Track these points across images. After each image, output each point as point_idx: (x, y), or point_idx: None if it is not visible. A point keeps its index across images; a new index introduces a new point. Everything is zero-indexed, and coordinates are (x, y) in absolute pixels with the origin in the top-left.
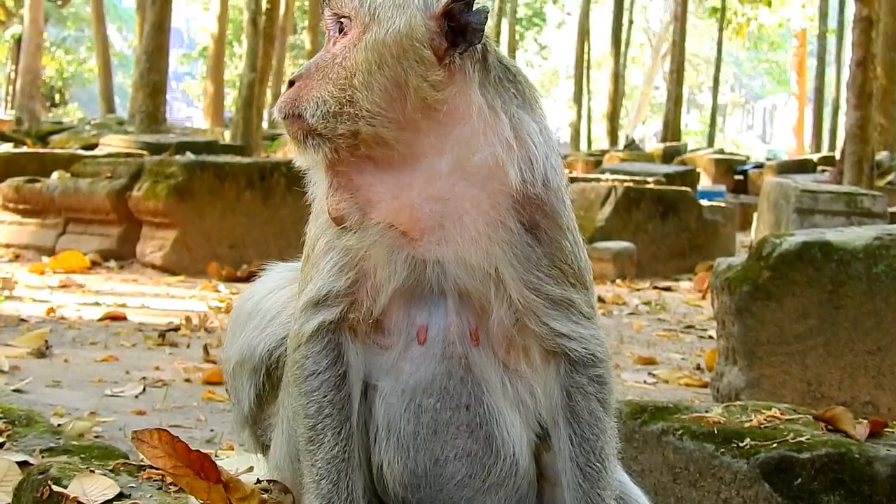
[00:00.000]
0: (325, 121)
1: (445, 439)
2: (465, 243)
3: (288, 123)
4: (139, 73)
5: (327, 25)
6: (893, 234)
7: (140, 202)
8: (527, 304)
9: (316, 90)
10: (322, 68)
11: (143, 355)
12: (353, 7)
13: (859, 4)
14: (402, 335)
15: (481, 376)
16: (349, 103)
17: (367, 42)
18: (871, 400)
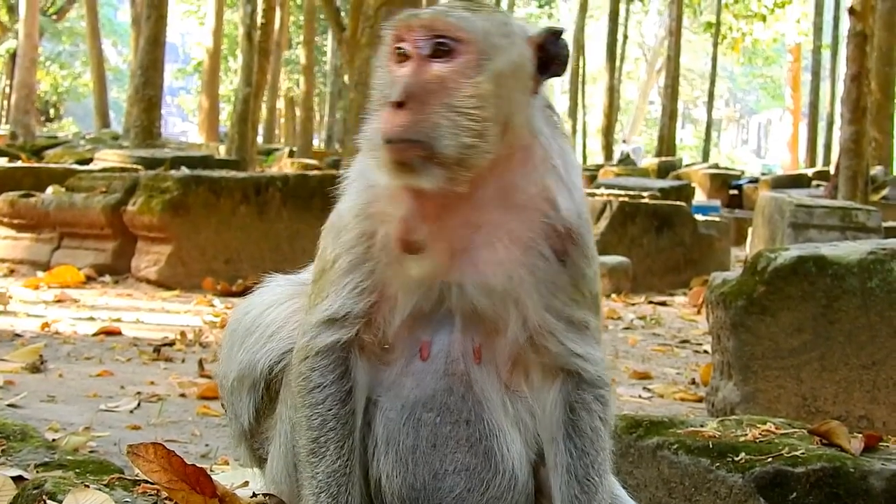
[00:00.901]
0: (457, 151)
1: (444, 453)
2: (492, 268)
3: (403, 147)
4: (134, 87)
5: (415, 43)
6: (888, 249)
7: (135, 217)
8: (544, 326)
9: (442, 118)
10: (436, 93)
11: (137, 370)
12: (465, 32)
13: (854, 20)
14: (406, 351)
15: (482, 394)
16: (479, 135)
17: (491, 71)
18: (865, 414)
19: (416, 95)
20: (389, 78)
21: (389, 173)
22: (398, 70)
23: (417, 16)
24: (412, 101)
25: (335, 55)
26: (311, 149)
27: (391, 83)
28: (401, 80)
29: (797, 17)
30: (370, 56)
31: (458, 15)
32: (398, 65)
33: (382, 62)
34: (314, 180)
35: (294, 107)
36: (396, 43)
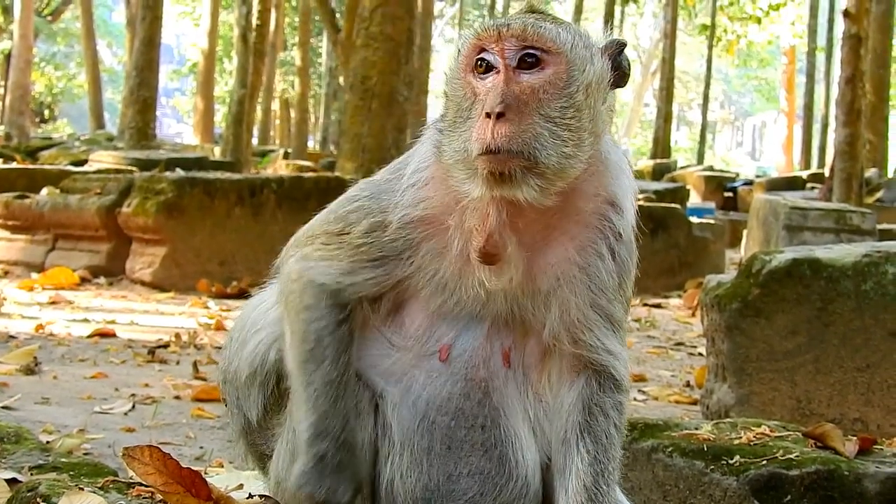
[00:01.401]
0: (559, 161)
1: (459, 456)
2: (544, 269)
3: (504, 158)
4: (129, 88)
5: (504, 53)
6: (882, 251)
7: (130, 218)
8: (584, 322)
9: (544, 129)
10: (532, 103)
11: (132, 372)
12: (556, 44)
13: (848, 22)
14: (420, 344)
15: (501, 400)
16: (577, 145)
17: (581, 82)
18: (860, 417)
19: (513, 107)
20: (469, 90)
21: (485, 184)
22: (483, 81)
23: (507, 25)
24: (511, 111)
25: (330, 57)
26: (306, 150)
27: (474, 96)
28: (496, 91)
29: (792, 20)
30: (365, 57)
31: (547, 26)
32: (480, 75)
33: (456, 72)
34: (309, 182)
35: (289, 108)
36: (476, 53)
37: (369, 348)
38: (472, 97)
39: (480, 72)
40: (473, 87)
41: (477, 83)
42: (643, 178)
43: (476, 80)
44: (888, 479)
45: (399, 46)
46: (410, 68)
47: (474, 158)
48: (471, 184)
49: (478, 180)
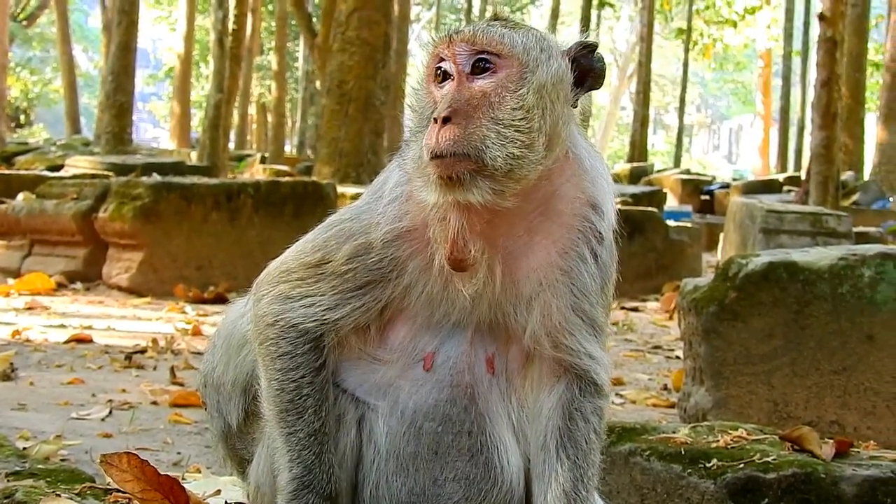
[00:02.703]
0: (506, 162)
1: (446, 461)
2: (526, 274)
3: (451, 162)
4: (105, 93)
5: (455, 59)
6: (858, 255)
7: (106, 224)
8: (566, 326)
9: (491, 130)
10: (482, 107)
11: (109, 378)
12: (506, 47)
13: (824, 25)
14: (405, 356)
15: (486, 406)
16: (526, 146)
17: (533, 83)
18: (837, 419)
19: (461, 111)
20: (430, 99)
21: (438, 189)
22: (440, 89)
23: (457, 33)
24: (458, 116)
25: (307, 61)
26: (282, 155)
27: (434, 104)
28: (446, 97)
29: (768, 23)
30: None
31: (497, 31)
32: (439, 84)
33: (420, 83)
34: (286, 187)
35: (266, 113)
36: (435, 62)
37: (355, 368)
38: (432, 105)
39: (438, 81)
40: (433, 96)
41: (436, 92)
42: (620, 181)
43: (436, 88)
44: (865, 481)
45: (376, 51)
46: (387, 72)
47: (425, 165)
48: (426, 190)
49: (431, 186)
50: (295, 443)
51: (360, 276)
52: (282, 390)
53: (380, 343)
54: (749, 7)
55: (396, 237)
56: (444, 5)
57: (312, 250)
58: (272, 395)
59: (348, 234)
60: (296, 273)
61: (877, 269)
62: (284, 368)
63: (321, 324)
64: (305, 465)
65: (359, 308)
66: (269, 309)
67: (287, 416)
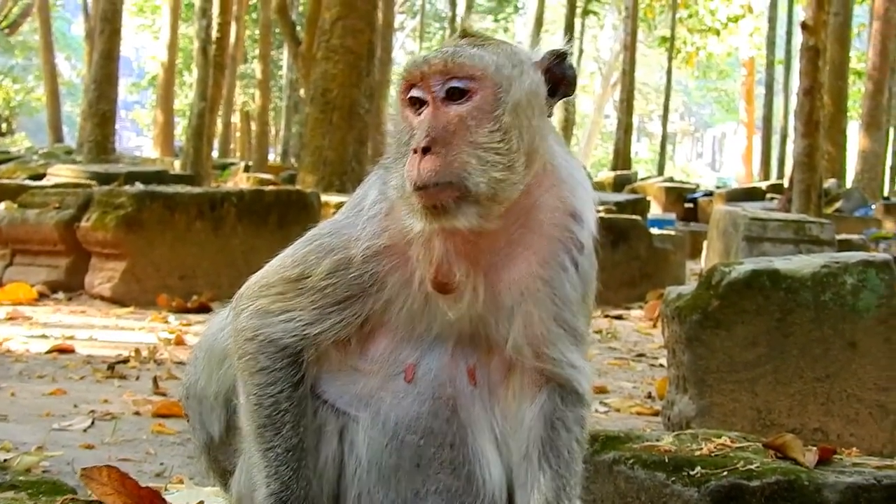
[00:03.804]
0: (489, 187)
1: (428, 473)
2: (507, 286)
3: (435, 192)
4: (88, 102)
5: (430, 87)
6: (841, 262)
7: (89, 233)
8: (548, 336)
9: (471, 156)
10: (460, 133)
11: (91, 388)
12: (479, 69)
13: (806, 34)
14: (386, 367)
15: (468, 418)
16: (508, 167)
17: (509, 103)
18: (820, 427)
19: (439, 139)
20: (407, 126)
21: (424, 218)
22: (415, 117)
23: (428, 61)
24: (437, 144)
25: (291, 69)
26: (266, 163)
27: (411, 131)
28: (423, 126)
29: (750, 32)
30: (326, 70)
31: (467, 54)
32: (414, 112)
33: (396, 110)
34: (270, 195)
35: (249, 121)
36: (409, 90)
37: (335, 379)
38: (409, 132)
39: (414, 108)
40: (410, 122)
41: (412, 118)
42: (604, 189)
43: (412, 114)
44: (848, 488)
45: (360, 59)
46: (371, 81)
47: (409, 195)
48: (412, 219)
49: (417, 215)
50: (272, 458)
51: (340, 291)
52: (259, 405)
53: (361, 354)
54: (732, 16)
55: (376, 253)
56: (428, 14)
57: (292, 265)
58: (250, 409)
59: (328, 249)
60: (275, 287)
61: (859, 276)
62: (263, 383)
63: (301, 339)
64: (283, 482)
65: (339, 323)
66: (248, 323)
67: (265, 432)
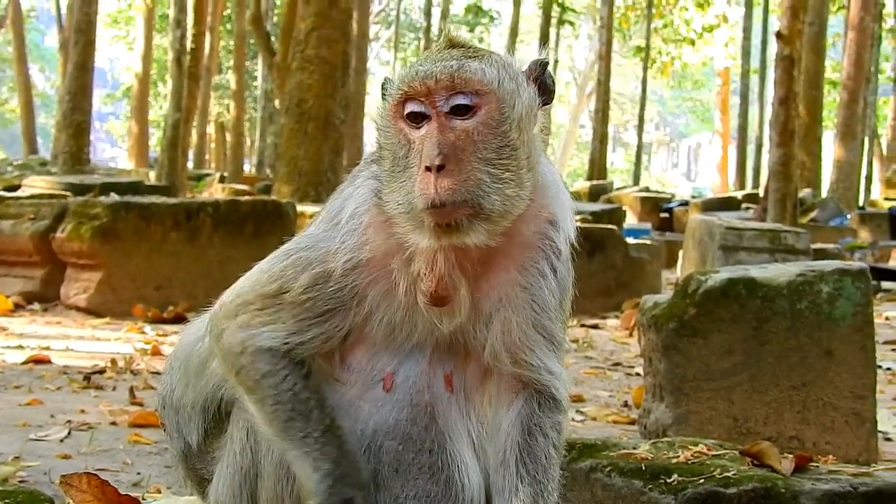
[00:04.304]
0: (503, 204)
1: (407, 479)
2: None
3: (450, 210)
4: (62, 113)
5: (434, 102)
6: (816, 271)
7: (64, 244)
8: (525, 342)
9: (483, 174)
10: (469, 150)
11: (67, 398)
12: (485, 85)
13: (781, 44)
14: (364, 377)
15: (446, 424)
16: (518, 183)
17: (513, 118)
18: (796, 434)
19: (451, 156)
20: (403, 140)
21: (433, 235)
22: (413, 131)
23: (434, 76)
24: (450, 162)
25: (266, 80)
26: (241, 174)
27: (409, 146)
28: (432, 142)
29: (725, 42)
30: (301, 80)
31: (473, 68)
32: (413, 125)
33: (386, 120)
34: (245, 206)
35: (224, 132)
36: (406, 103)
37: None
38: (407, 144)
39: (413, 122)
40: (406, 135)
41: (410, 131)
42: (580, 199)
43: (408, 127)
44: (824, 495)
45: (335, 69)
46: (346, 91)
47: (419, 212)
48: (418, 235)
49: (425, 232)
50: (312, 442)
51: (320, 305)
52: (279, 403)
53: (340, 365)
54: (707, 25)
55: (356, 266)
56: (403, 24)
57: (269, 280)
58: (270, 412)
59: (306, 263)
60: (254, 304)
61: (835, 285)
62: (273, 384)
63: (288, 344)
64: (332, 459)
65: (321, 335)
66: (233, 339)
67: (294, 424)
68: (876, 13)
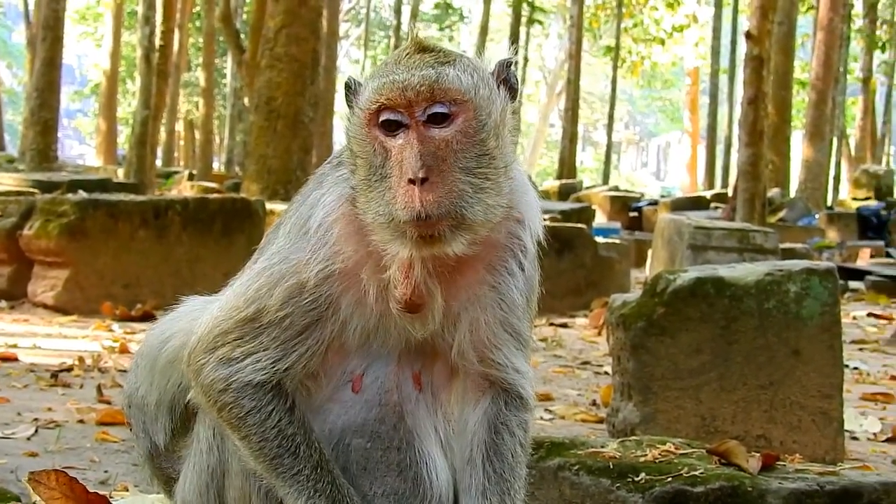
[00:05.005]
0: (485, 214)
1: (375, 476)
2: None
3: (434, 222)
4: (30, 110)
5: (413, 112)
6: (784, 271)
7: (31, 241)
8: (493, 340)
9: (465, 184)
10: (450, 160)
11: (35, 396)
12: (463, 94)
13: (750, 44)
14: (334, 380)
15: (414, 422)
16: (498, 191)
17: (490, 126)
18: (763, 433)
19: (434, 168)
20: (378, 149)
21: (414, 246)
22: (388, 139)
23: (414, 88)
24: (433, 173)
25: (235, 77)
26: (210, 172)
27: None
28: (413, 153)
29: (695, 41)
30: (270, 78)
31: (451, 77)
32: (389, 134)
33: (360, 128)
34: (214, 204)
35: (193, 129)
36: (381, 112)
37: None
38: (384, 154)
39: (389, 130)
40: (383, 144)
41: (386, 140)
42: (549, 198)
43: (384, 135)
44: (791, 494)
45: (304, 67)
46: (316, 89)
47: (401, 223)
48: (398, 245)
49: (406, 243)
50: (304, 480)
51: (298, 321)
52: (264, 440)
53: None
54: (677, 25)
55: (328, 276)
56: (373, 22)
57: (246, 304)
58: (256, 448)
59: (279, 276)
60: (232, 333)
61: (802, 284)
62: (257, 422)
63: (273, 374)
64: (328, 496)
65: (305, 354)
66: (215, 375)
67: (283, 461)
68: (845, 14)
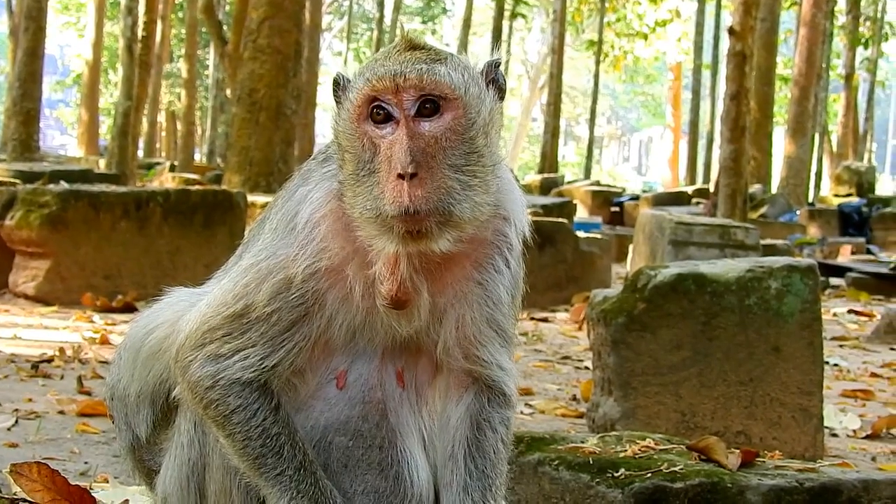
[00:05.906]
0: (472, 212)
1: (356, 474)
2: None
3: (421, 217)
4: (12, 100)
5: (401, 103)
6: (765, 267)
7: (12, 231)
8: (478, 338)
9: (453, 181)
10: (439, 156)
11: (15, 387)
12: (453, 91)
13: (733, 39)
14: (318, 377)
15: (397, 421)
16: (486, 189)
17: (480, 123)
18: (743, 430)
19: (423, 163)
20: (367, 142)
21: (401, 241)
22: (377, 130)
23: (403, 74)
24: (422, 169)
25: (217, 69)
26: (192, 163)
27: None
28: (403, 148)
29: (678, 36)
30: (252, 70)
31: (441, 72)
32: (377, 125)
33: (349, 122)
34: (196, 195)
35: (175, 120)
36: (372, 102)
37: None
38: (372, 148)
39: (377, 121)
40: (371, 138)
41: (374, 133)
42: (531, 192)
43: (372, 129)
44: (770, 490)
45: (287, 59)
46: (298, 81)
47: (388, 218)
48: (384, 241)
49: (393, 238)
50: (287, 480)
51: (285, 317)
52: (248, 439)
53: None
54: (660, 20)
55: (315, 272)
56: (356, 15)
57: (234, 300)
58: (240, 446)
59: (266, 272)
60: (220, 330)
61: (783, 281)
62: (243, 420)
63: (260, 372)
64: (310, 497)
65: (292, 350)
66: (202, 372)
67: (266, 461)
68: (828, 10)
